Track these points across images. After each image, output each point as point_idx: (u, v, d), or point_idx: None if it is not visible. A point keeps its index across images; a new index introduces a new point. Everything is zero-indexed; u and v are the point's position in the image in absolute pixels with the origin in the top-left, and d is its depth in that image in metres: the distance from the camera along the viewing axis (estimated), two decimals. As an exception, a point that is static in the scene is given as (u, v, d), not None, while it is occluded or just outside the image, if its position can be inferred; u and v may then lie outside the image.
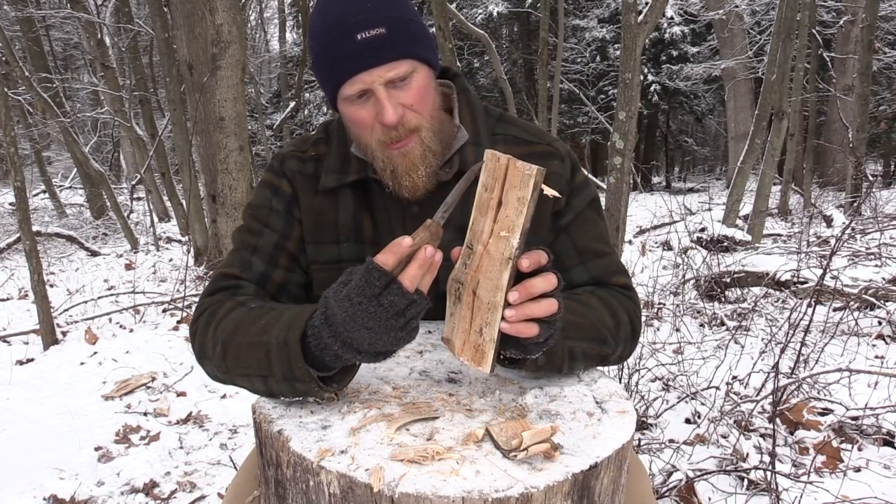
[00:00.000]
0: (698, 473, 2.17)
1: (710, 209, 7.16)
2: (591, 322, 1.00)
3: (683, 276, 4.90)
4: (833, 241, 5.34)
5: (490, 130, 1.16)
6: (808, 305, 2.71)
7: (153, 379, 3.43)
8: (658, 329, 4.02)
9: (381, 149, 1.04)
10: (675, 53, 18.35)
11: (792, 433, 2.53)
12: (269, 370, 0.89)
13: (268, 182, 1.17)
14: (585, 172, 1.22)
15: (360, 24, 0.97)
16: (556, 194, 0.84)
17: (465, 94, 1.17)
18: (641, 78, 8.57)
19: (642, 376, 2.89)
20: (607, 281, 1.12)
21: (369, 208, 1.13)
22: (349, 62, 0.98)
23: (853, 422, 2.53)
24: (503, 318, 0.82)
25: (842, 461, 2.30)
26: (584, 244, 1.14)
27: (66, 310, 4.79)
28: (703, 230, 6.63)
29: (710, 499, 2.12)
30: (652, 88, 18.55)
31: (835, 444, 2.37)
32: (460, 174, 1.10)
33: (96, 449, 2.69)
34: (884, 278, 4.11)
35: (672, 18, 17.58)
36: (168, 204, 10.48)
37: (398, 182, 1.06)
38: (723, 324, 4.09)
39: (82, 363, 3.70)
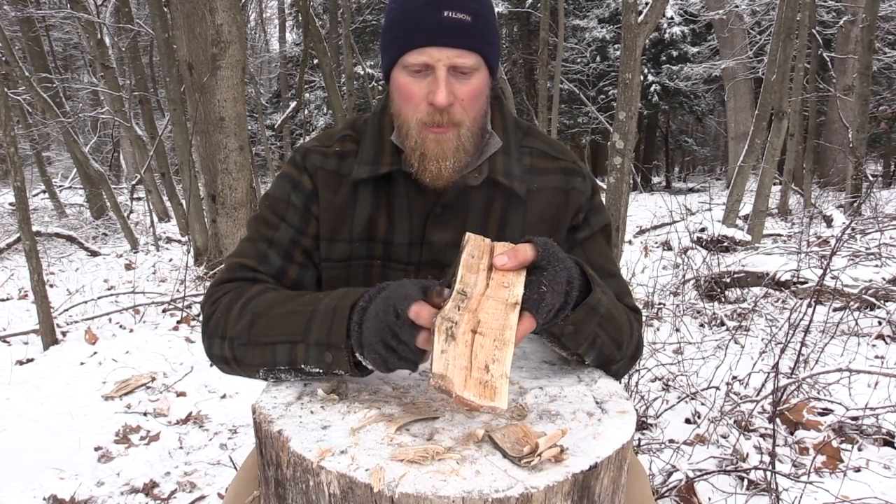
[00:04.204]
0: (698, 473, 2.17)
1: (710, 209, 7.16)
2: (619, 322, 1.01)
3: (683, 276, 4.90)
4: (833, 241, 5.34)
5: (518, 142, 1.16)
6: (808, 305, 2.71)
7: (153, 379, 3.43)
8: (658, 329, 4.01)
9: (419, 128, 1.04)
10: (675, 53, 18.37)
11: (792, 433, 2.53)
12: (303, 335, 0.91)
13: (288, 175, 1.17)
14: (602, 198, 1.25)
15: (451, 4, 0.99)
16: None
17: (498, 103, 1.17)
18: (641, 78, 8.57)
19: (642, 376, 2.89)
20: (619, 300, 1.12)
21: (388, 205, 1.12)
22: (427, 32, 0.99)
23: (853, 422, 2.53)
24: None
25: (842, 461, 2.30)
26: (599, 262, 1.15)
27: (66, 310, 4.79)
28: (703, 230, 6.63)
29: (710, 499, 2.12)
30: (652, 88, 18.56)
31: (835, 444, 2.37)
32: (489, 181, 1.10)
33: (96, 449, 2.69)
34: (884, 278, 4.11)
35: (672, 18, 17.59)
36: (168, 204, 10.48)
37: (423, 166, 1.06)
38: (723, 324, 4.09)
39: (82, 363, 3.70)
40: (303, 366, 0.92)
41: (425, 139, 1.04)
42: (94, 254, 8.32)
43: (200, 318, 1.14)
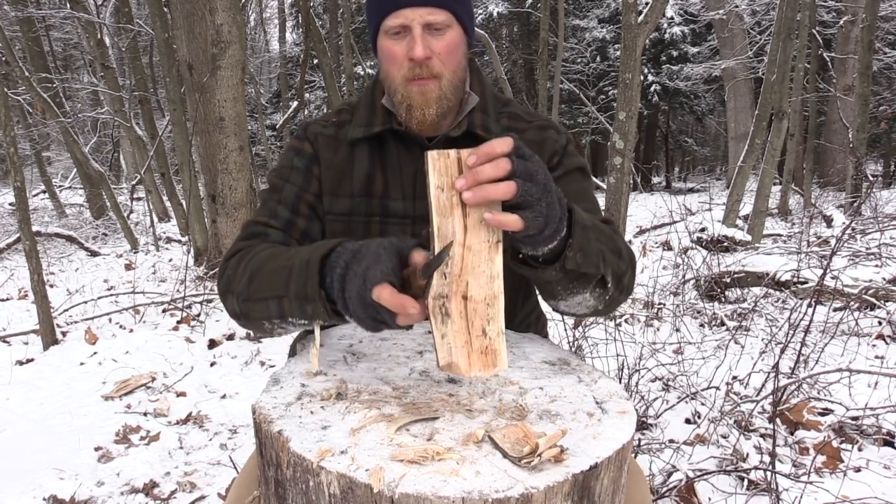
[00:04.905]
0: (698, 473, 2.17)
1: (710, 209, 7.16)
2: (607, 232, 1.03)
3: (683, 276, 4.90)
4: (833, 242, 5.35)
5: (497, 109, 1.27)
6: (809, 305, 2.71)
7: (153, 379, 3.43)
8: (658, 329, 4.02)
9: (404, 84, 1.14)
10: (675, 53, 18.36)
11: (792, 433, 2.53)
12: (285, 290, 0.95)
13: (291, 146, 1.29)
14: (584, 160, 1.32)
15: None
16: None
17: (477, 74, 1.29)
18: (641, 78, 8.57)
19: (642, 376, 2.89)
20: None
21: (382, 164, 1.23)
22: None
23: (853, 422, 2.53)
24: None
25: (842, 461, 2.30)
26: (570, 195, 1.17)
27: (66, 310, 4.79)
28: (703, 230, 6.63)
29: (710, 499, 2.12)
30: (652, 88, 18.55)
31: (835, 444, 2.37)
32: (468, 135, 1.19)
33: (96, 449, 2.69)
34: (884, 278, 4.11)
35: (672, 18, 17.59)
36: (168, 204, 10.47)
37: (411, 115, 1.16)
38: (723, 324, 4.09)
39: (82, 363, 3.70)
40: (290, 318, 0.97)
41: (410, 92, 1.14)
42: (94, 254, 8.32)
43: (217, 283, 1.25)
